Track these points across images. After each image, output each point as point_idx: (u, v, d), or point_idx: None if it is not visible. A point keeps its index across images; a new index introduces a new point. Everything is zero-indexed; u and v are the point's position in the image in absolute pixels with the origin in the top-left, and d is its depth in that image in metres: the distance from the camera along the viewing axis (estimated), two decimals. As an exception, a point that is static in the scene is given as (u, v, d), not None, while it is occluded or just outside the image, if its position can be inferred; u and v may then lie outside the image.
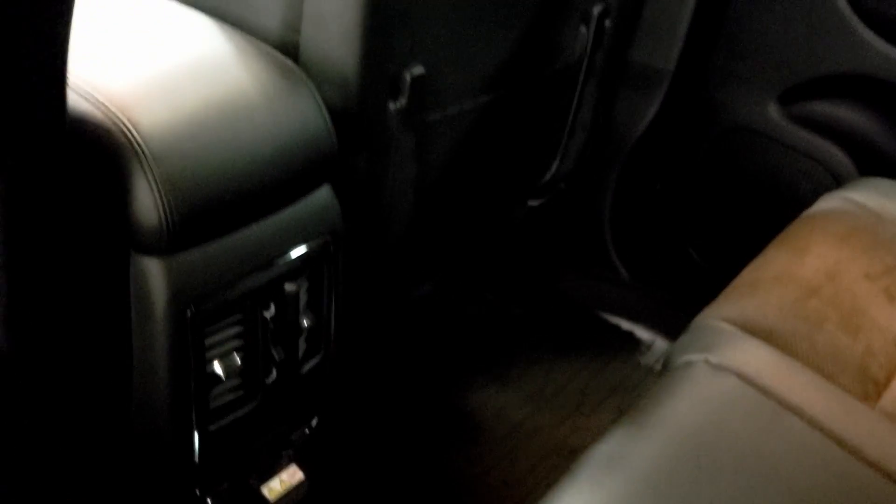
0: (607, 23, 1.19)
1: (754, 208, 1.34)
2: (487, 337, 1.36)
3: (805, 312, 0.84)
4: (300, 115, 0.78)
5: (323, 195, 0.82)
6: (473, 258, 1.39)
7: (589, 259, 1.45)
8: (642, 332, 1.41)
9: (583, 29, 1.17)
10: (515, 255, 1.47)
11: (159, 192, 0.67)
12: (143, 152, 0.66)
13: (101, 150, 0.67)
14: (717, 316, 0.85)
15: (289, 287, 0.79)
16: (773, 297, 0.86)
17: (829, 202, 1.07)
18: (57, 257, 0.66)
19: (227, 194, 0.71)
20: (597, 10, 1.16)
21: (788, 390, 0.74)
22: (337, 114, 0.84)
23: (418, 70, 0.92)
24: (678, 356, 0.80)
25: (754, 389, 0.73)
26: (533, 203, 1.34)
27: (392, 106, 0.92)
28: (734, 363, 0.75)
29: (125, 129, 0.67)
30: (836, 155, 1.24)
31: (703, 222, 1.40)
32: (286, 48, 0.86)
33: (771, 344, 0.79)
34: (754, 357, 0.76)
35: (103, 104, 0.68)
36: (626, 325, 1.42)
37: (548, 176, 1.27)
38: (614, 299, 1.44)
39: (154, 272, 0.69)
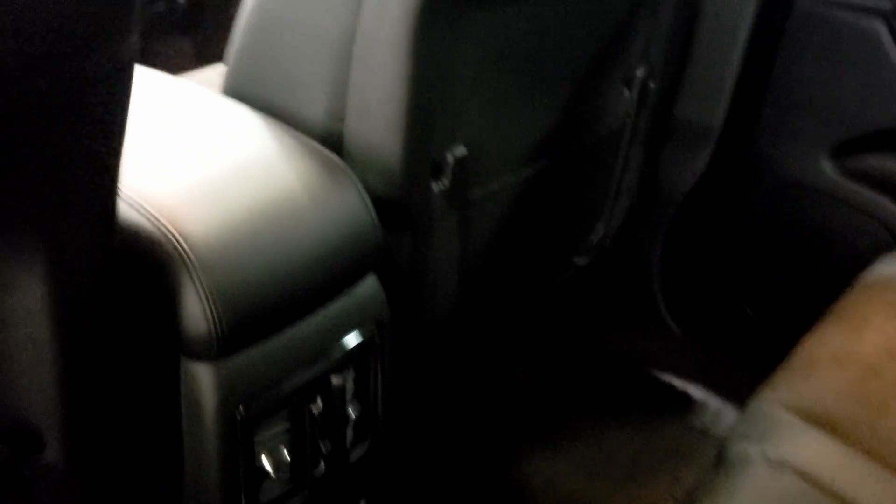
0: (651, 84, 1.18)
1: (810, 264, 1.31)
2: (535, 399, 1.35)
3: (866, 396, 0.81)
4: (345, 211, 0.78)
5: (368, 285, 0.82)
6: (520, 321, 1.38)
7: (639, 315, 1.43)
8: (696, 391, 1.38)
9: (626, 92, 1.16)
10: (563, 314, 1.45)
11: (208, 302, 0.67)
12: (191, 263, 0.67)
13: (150, 260, 0.68)
14: (772, 400, 0.82)
15: (335, 380, 0.79)
16: (830, 380, 0.83)
17: (887, 265, 1.03)
18: (110, 366, 0.67)
19: (274, 297, 0.72)
20: (640, 72, 1.15)
21: (850, 486, 0.71)
22: (380, 199, 0.85)
23: (460, 151, 0.92)
24: (734, 445, 0.78)
25: (814, 487, 0.70)
26: (579, 262, 1.32)
27: (435, 187, 0.92)
28: (792, 457, 0.73)
29: (174, 241, 0.68)
30: (894, 211, 1.21)
31: (758, 278, 1.37)
32: (330, 137, 0.87)
33: (830, 433, 0.77)
34: (813, 450, 0.74)
35: (152, 215, 0.69)
36: (678, 383, 1.39)
37: (594, 237, 1.26)
38: (666, 357, 1.41)
39: (204, 377, 0.70)
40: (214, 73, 1.34)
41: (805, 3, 1.21)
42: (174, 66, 1.88)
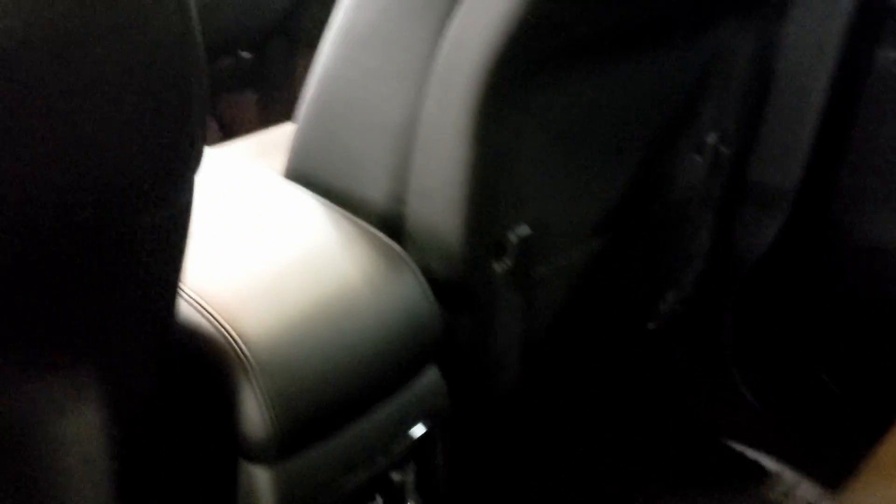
0: (723, 149, 1.14)
1: (893, 334, 1.24)
2: (604, 469, 1.31)
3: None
4: (405, 304, 0.77)
5: (429, 378, 0.80)
6: (588, 391, 1.34)
7: (712, 384, 1.37)
8: (770, 463, 1.32)
9: (697, 158, 1.12)
10: (633, 382, 1.41)
11: (266, 404, 0.66)
12: (249, 365, 0.66)
13: (208, 361, 0.67)
14: (859, 504, 0.77)
15: (396, 476, 0.77)
16: (923, 484, 0.78)
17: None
18: (166, 473, 0.66)
19: (333, 397, 0.70)
20: (711, 138, 1.11)
21: None
22: (442, 281, 0.83)
23: (524, 230, 0.90)
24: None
25: None
26: (650, 326, 1.28)
27: (497, 268, 0.90)
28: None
29: (232, 342, 0.67)
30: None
31: (838, 347, 1.30)
32: (392, 219, 0.85)
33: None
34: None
35: (210, 313, 0.68)
36: (752, 454, 1.33)
37: (664, 306, 1.22)
38: (740, 426, 1.35)
39: (262, 480, 0.69)
40: (280, 134, 1.34)
41: (885, 63, 1.16)
42: (239, 120, 1.91)
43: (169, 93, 0.38)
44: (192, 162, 0.43)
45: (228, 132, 1.85)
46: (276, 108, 1.82)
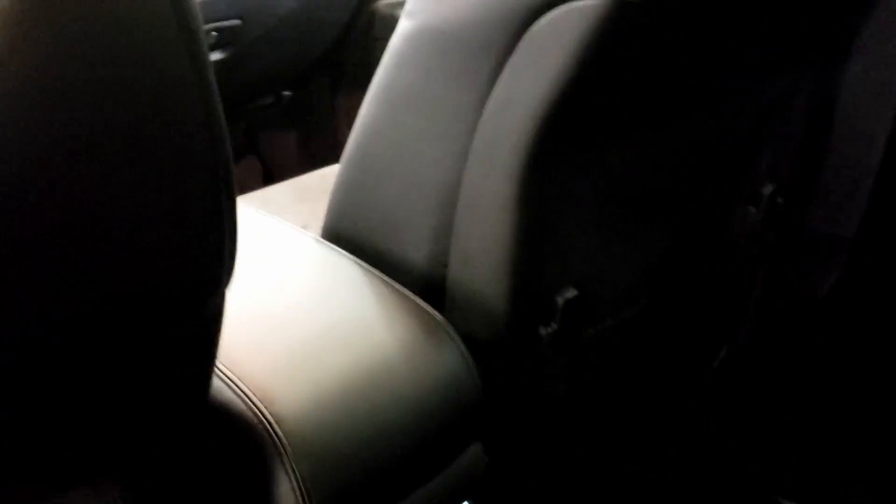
0: (779, 200, 1.09)
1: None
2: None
3: None
4: (448, 381, 0.73)
5: (470, 457, 0.76)
6: (638, 444, 1.30)
7: (766, 436, 1.31)
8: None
9: (752, 210, 1.07)
10: (684, 433, 1.35)
11: (301, 490, 0.63)
12: (284, 448, 0.63)
13: (240, 443, 0.65)
14: None
15: (436, 557, 0.74)
16: None
17: None
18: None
19: (371, 482, 0.67)
20: (767, 190, 1.06)
21: None
22: (484, 346, 0.79)
23: (571, 293, 0.86)
24: None
25: None
26: (705, 380, 1.23)
27: (543, 331, 0.86)
28: None
29: (266, 424, 0.64)
30: None
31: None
32: (433, 282, 0.82)
33: None
34: None
35: (243, 392, 0.66)
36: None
37: (717, 361, 1.17)
38: (795, 482, 1.29)
39: (295, 568, 0.66)
40: (320, 178, 1.32)
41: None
42: (281, 159, 1.90)
43: (196, 206, 0.35)
44: (223, 274, 0.41)
45: (270, 172, 1.85)
46: (317, 148, 1.81)
